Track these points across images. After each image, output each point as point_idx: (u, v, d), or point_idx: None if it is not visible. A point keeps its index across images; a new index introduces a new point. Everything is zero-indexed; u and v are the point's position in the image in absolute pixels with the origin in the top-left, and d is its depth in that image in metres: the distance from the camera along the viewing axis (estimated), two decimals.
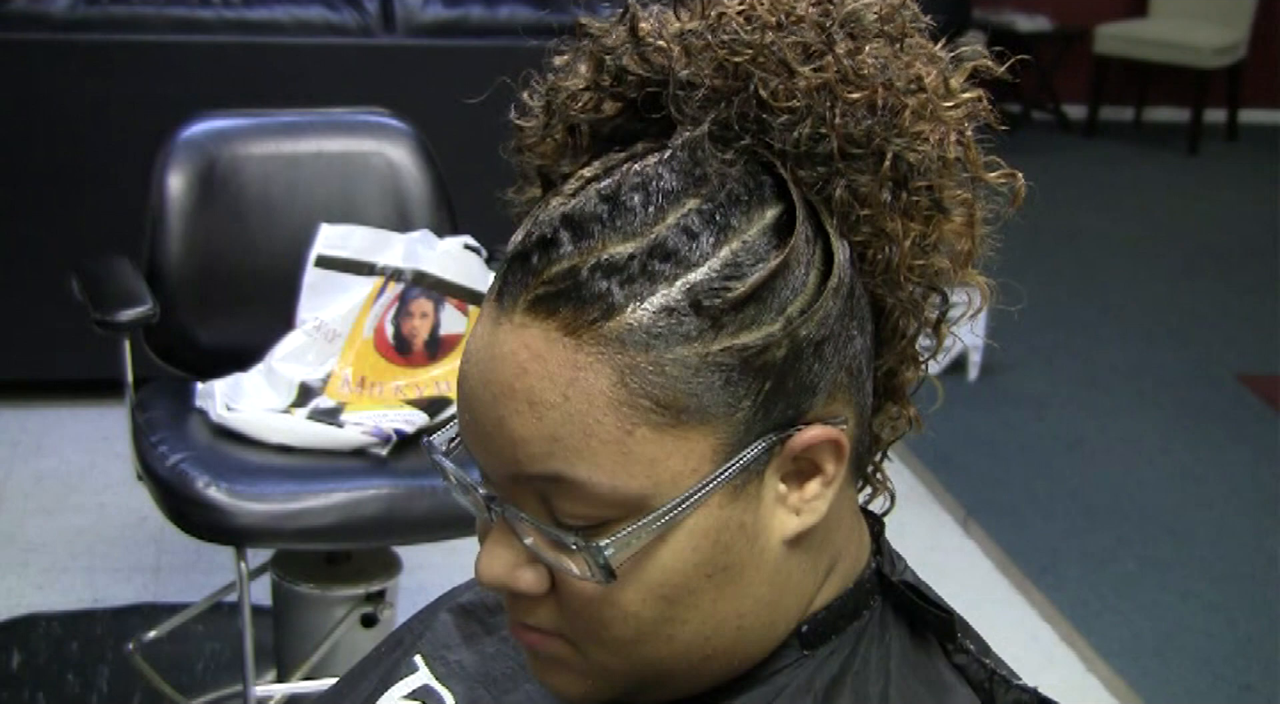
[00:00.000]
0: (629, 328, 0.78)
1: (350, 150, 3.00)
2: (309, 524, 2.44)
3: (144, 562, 3.48)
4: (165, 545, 3.50)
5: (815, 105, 0.82)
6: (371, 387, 2.70)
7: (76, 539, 3.57)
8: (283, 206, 2.92)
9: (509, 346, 0.80)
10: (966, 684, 0.92)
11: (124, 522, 3.62)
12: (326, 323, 2.77)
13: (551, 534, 0.82)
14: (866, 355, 0.87)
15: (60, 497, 3.76)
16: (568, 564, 0.82)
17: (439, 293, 2.75)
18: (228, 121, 2.97)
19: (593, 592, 0.83)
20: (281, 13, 4.10)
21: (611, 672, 0.87)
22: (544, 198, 0.86)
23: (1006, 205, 0.92)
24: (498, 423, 0.81)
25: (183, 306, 2.83)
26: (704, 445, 0.80)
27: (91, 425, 4.06)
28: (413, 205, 2.95)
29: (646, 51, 0.84)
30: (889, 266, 0.86)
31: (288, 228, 2.89)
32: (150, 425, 2.61)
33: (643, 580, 0.82)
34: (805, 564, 0.88)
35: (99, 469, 3.86)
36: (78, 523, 3.64)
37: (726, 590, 0.84)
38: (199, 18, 4.06)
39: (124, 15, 4.03)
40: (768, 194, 0.82)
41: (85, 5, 4.00)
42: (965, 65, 0.90)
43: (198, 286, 2.85)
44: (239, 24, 4.08)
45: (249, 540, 2.48)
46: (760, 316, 0.80)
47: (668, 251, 0.79)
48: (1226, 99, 8.33)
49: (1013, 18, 8.11)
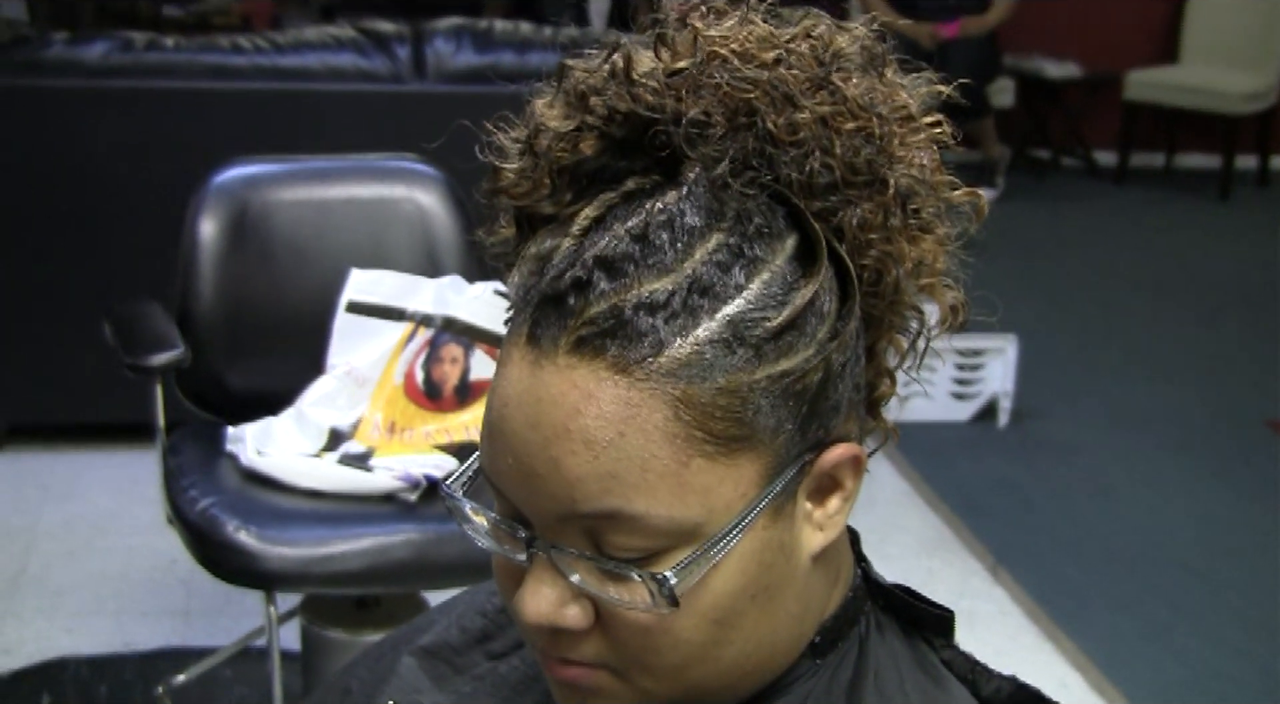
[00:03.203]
0: (679, 362, 0.80)
1: (381, 196, 3.01)
2: (338, 569, 2.44)
3: (173, 606, 3.49)
4: (194, 589, 3.51)
5: (819, 137, 0.85)
6: (401, 432, 2.71)
7: (106, 583, 3.57)
8: (313, 252, 2.94)
9: (557, 388, 0.81)
10: (954, 676, 0.97)
11: (153, 565, 3.63)
12: (357, 368, 2.78)
13: (608, 567, 0.83)
14: (863, 373, 0.91)
15: (90, 540, 3.77)
16: (624, 596, 0.84)
17: (469, 338, 2.75)
18: (259, 167, 2.99)
19: (647, 622, 0.84)
20: (314, 60, 4.13)
21: (655, 697, 0.88)
22: (531, 239, 0.88)
23: (969, 223, 0.95)
24: (551, 464, 0.82)
25: (214, 351, 2.84)
26: (751, 470, 0.83)
27: (122, 469, 4.08)
28: (442, 251, 2.96)
29: (639, 91, 0.86)
30: (897, 287, 0.89)
31: (318, 273, 2.91)
32: (181, 469, 2.62)
33: (696, 606, 0.84)
34: (823, 577, 0.92)
35: (129, 513, 3.87)
36: (107, 566, 3.64)
37: (767, 609, 0.87)
38: (232, 64, 4.09)
39: (157, 62, 4.06)
40: (783, 225, 0.85)
41: (120, 52, 4.04)
42: (920, 91, 0.93)
43: (229, 331, 2.87)
44: (272, 71, 4.10)
45: (278, 585, 2.48)
46: (797, 343, 0.83)
47: (704, 286, 0.81)
48: (1257, 145, 8.32)
49: (1042, 63, 8.12)
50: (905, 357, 0.96)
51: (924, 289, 0.93)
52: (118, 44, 4.06)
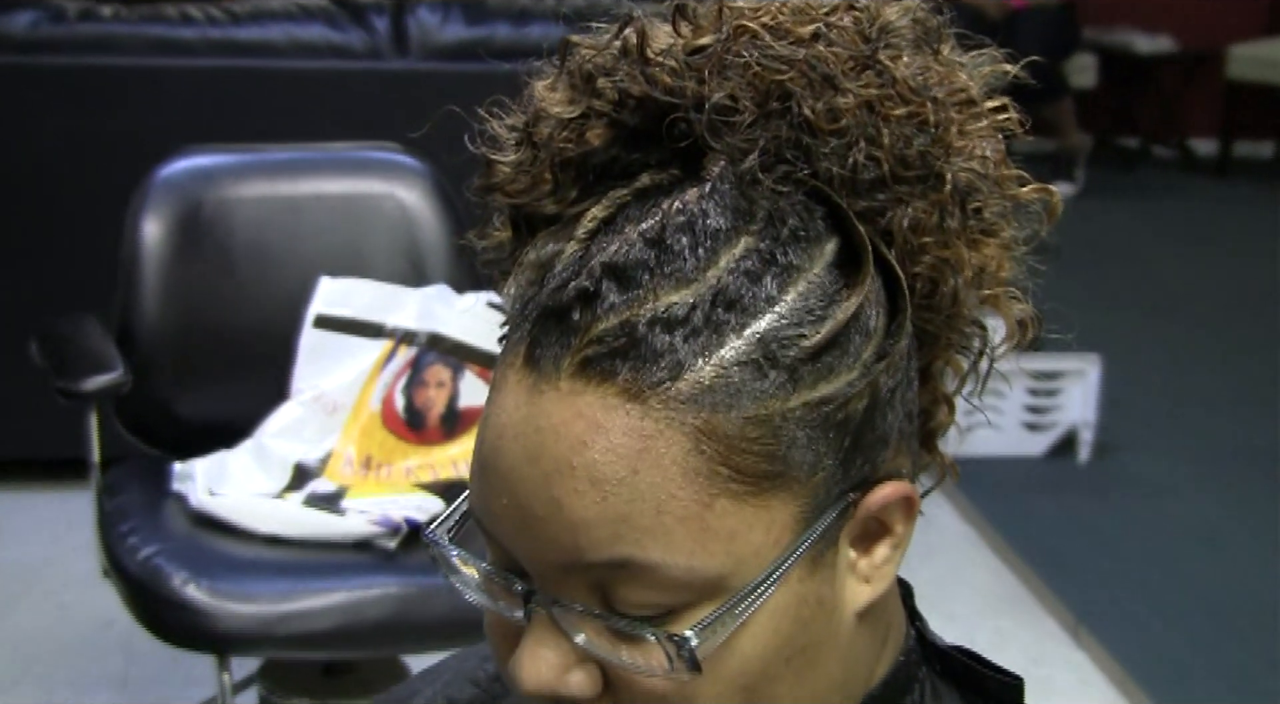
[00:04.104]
0: (701, 387, 0.80)
1: (356, 192, 3.02)
2: (304, 629, 2.44)
3: (110, 671, 3.49)
4: (135, 653, 3.51)
5: (864, 125, 0.85)
6: (379, 468, 2.71)
7: (32, 645, 3.57)
8: (277, 257, 2.94)
9: (558, 417, 0.82)
10: None
11: (87, 624, 3.63)
12: (326, 393, 2.79)
13: (619, 626, 0.84)
14: (916, 399, 0.90)
15: (14, 595, 3.77)
16: (637, 659, 0.84)
17: (458, 359, 2.76)
18: (213, 159, 3.01)
19: (664, 689, 0.84)
20: (277, 32, 4.13)
21: None
22: (529, 243, 0.89)
23: (1040, 224, 0.95)
24: (552, 506, 0.82)
25: (159, 373, 2.85)
26: (785, 513, 0.83)
27: (51, 512, 4.08)
28: (427, 256, 2.97)
29: (655, 72, 0.86)
30: (955, 299, 0.89)
31: (282, 282, 2.92)
32: (119, 512, 2.62)
33: (721, 672, 0.84)
34: (869, 638, 0.92)
35: (59, 563, 3.87)
36: (34, 625, 3.65)
37: (805, 674, 0.87)
38: (180, 38, 4.10)
39: (93, 35, 4.07)
40: (822, 227, 0.85)
41: (50, 23, 4.04)
42: (983, 70, 0.93)
43: (177, 350, 2.87)
44: (227, 45, 4.11)
45: (233, 648, 2.48)
46: (838, 365, 0.83)
47: (730, 299, 0.81)
48: None
49: (1130, 37, 8.12)
50: (965, 380, 0.96)
51: (987, 301, 0.93)
52: (47, 14, 4.06)
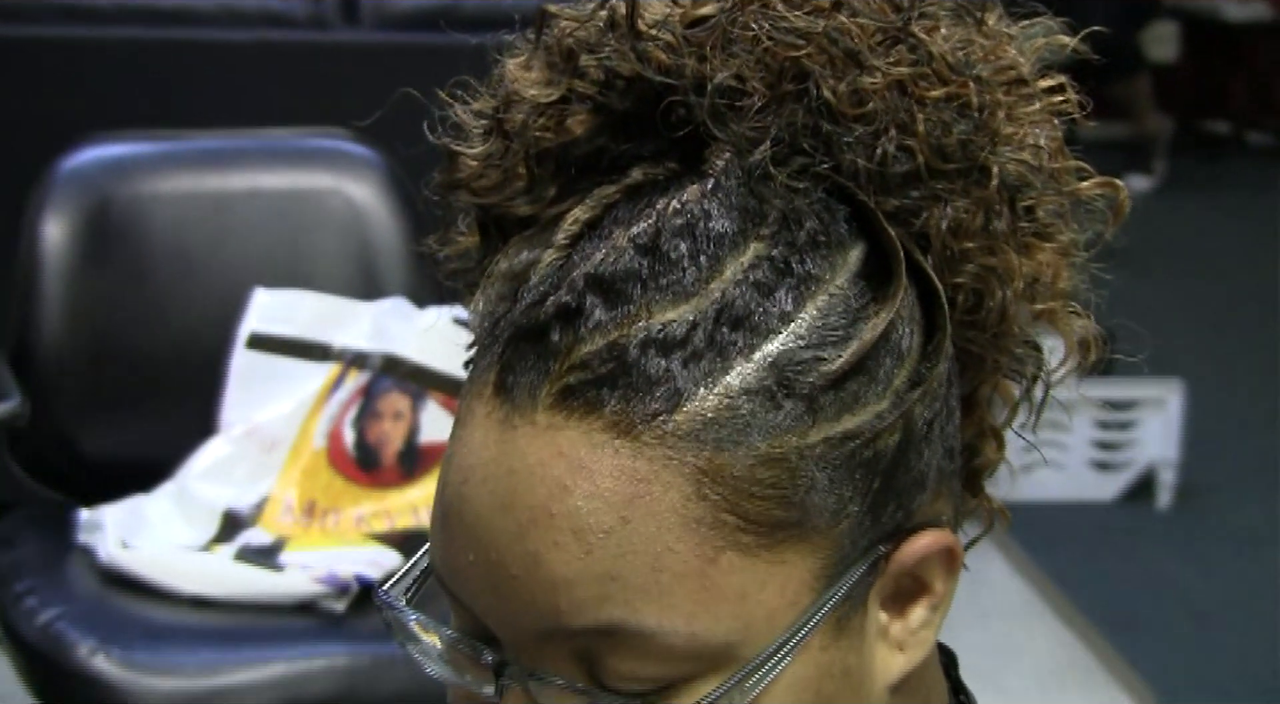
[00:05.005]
0: (703, 420, 0.80)
1: (297, 188, 3.03)
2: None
3: None
4: None
5: (895, 109, 0.84)
6: (324, 515, 2.71)
7: None
8: (202, 265, 2.94)
9: (535, 457, 0.81)
10: None
11: None
12: (262, 426, 2.79)
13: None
14: (958, 433, 0.90)
15: None
16: None
17: (418, 385, 2.76)
18: (127, 147, 3.01)
19: None
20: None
21: None
22: (501, 250, 0.89)
23: (1106, 224, 0.95)
24: (527, 562, 0.82)
25: (63, 403, 2.85)
26: (803, 569, 0.82)
27: None
28: (381, 264, 2.97)
29: (648, 47, 0.86)
30: (1004, 314, 0.88)
31: (209, 295, 2.92)
32: (14, 569, 2.62)
33: None
34: None
35: None
36: None
37: None
38: (90, 5, 4.09)
39: None
40: (844, 230, 0.85)
41: None
42: (1037, 42, 0.93)
43: (83, 375, 2.88)
44: (145, 13, 4.11)
45: None
46: (865, 393, 0.83)
47: (737, 316, 0.81)
48: None
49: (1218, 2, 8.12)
50: (1017, 410, 0.95)
51: (1042, 317, 0.93)
52: None
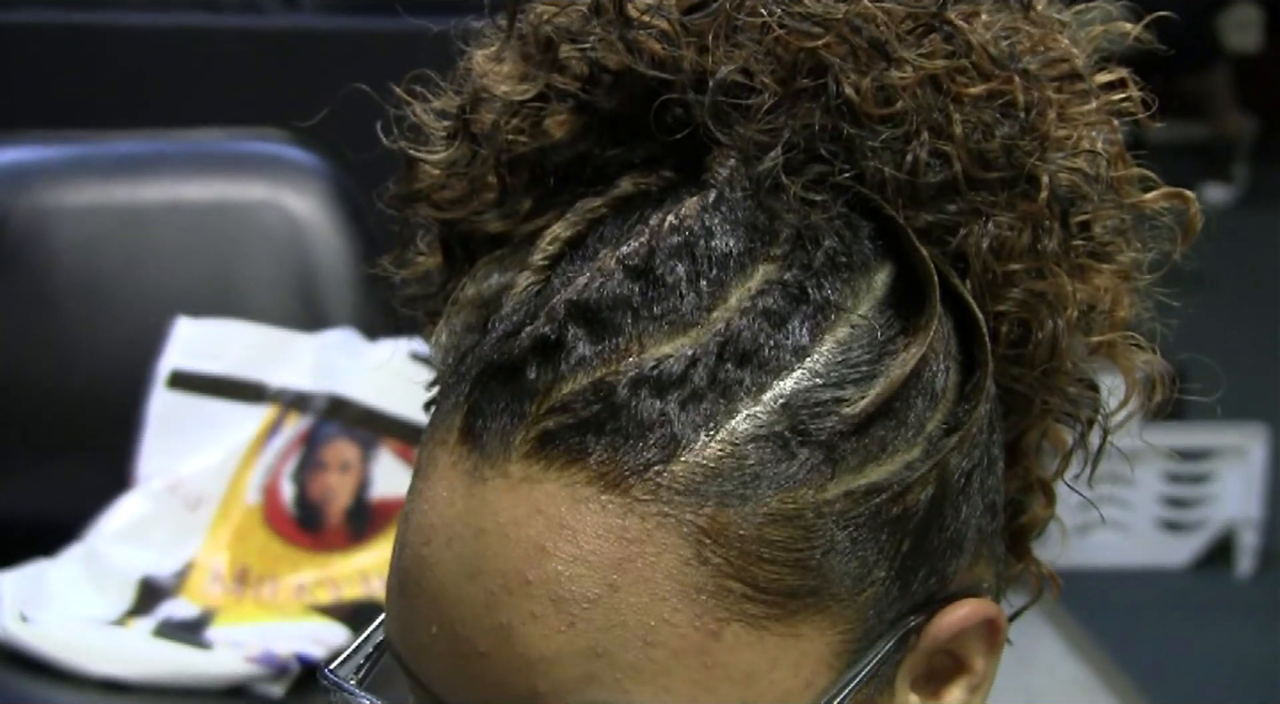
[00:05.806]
0: (704, 472, 0.80)
1: (226, 199, 3.03)
2: None
3: None
4: None
5: (927, 109, 0.84)
6: (259, 584, 2.71)
7: None
8: (115, 290, 2.95)
9: (508, 514, 0.81)
10: None
11: None
12: (185, 480, 2.79)
13: None
14: (1001, 486, 0.90)
15: None
16: None
17: (369, 431, 2.77)
18: (25, 152, 3.03)
19: None
20: None
21: None
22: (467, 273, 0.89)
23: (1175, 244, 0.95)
24: (499, 637, 0.81)
25: None
26: (820, 645, 0.82)
27: None
28: (327, 290, 2.98)
29: (639, 37, 0.85)
30: (1054, 348, 0.88)
31: (123, 325, 2.92)
32: None
33: None
34: None
35: None
36: None
37: None
38: None
39: None
40: (869, 250, 0.85)
41: None
42: (1094, 31, 0.94)
43: None
44: None
45: None
46: (893, 440, 0.83)
47: (744, 350, 0.81)
48: None
49: None
50: (1070, 459, 0.95)
51: (1099, 351, 0.93)
52: None
